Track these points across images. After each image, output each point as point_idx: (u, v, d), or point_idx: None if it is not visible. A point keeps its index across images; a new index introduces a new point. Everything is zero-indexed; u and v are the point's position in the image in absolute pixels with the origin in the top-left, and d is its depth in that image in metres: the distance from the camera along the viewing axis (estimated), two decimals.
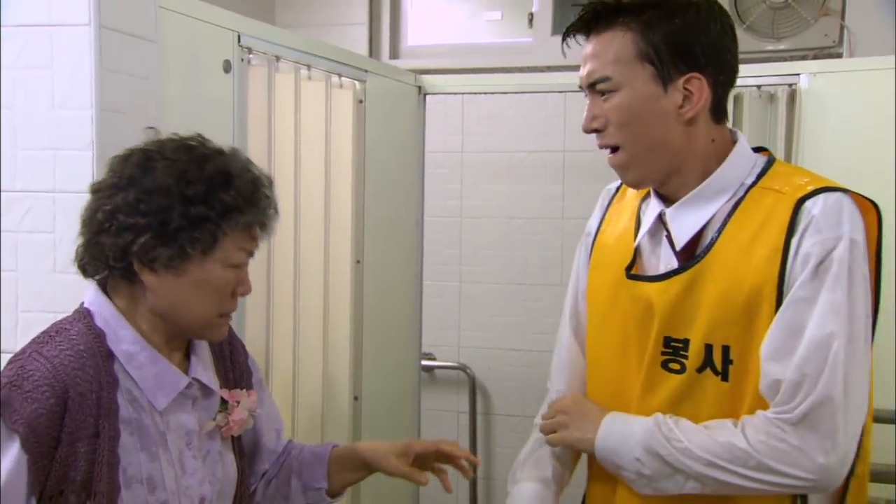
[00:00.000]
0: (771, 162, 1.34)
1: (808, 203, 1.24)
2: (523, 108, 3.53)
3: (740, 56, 1.38)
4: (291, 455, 1.53)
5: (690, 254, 1.31)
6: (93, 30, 1.56)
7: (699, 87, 1.28)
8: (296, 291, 2.21)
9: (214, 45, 1.89)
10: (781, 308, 1.22)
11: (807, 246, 1.22)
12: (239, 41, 1.95)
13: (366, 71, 2.48)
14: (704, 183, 1.31)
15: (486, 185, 3.63)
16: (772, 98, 2.52)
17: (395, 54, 3.65)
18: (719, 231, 1.29)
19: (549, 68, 3.29)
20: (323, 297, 2.33)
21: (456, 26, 3.66)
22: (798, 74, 2.48)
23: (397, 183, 2.75)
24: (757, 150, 1.38)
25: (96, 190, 1.27)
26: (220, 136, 1.90)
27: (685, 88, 1.28)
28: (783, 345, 1.21)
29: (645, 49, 1.27)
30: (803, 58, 2.90)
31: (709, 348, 1.27)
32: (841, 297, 1.20)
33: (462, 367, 3.63)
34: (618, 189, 1.53)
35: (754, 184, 1.30)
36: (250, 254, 1.30)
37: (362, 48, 3.53)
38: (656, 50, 1.26)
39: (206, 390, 1.35)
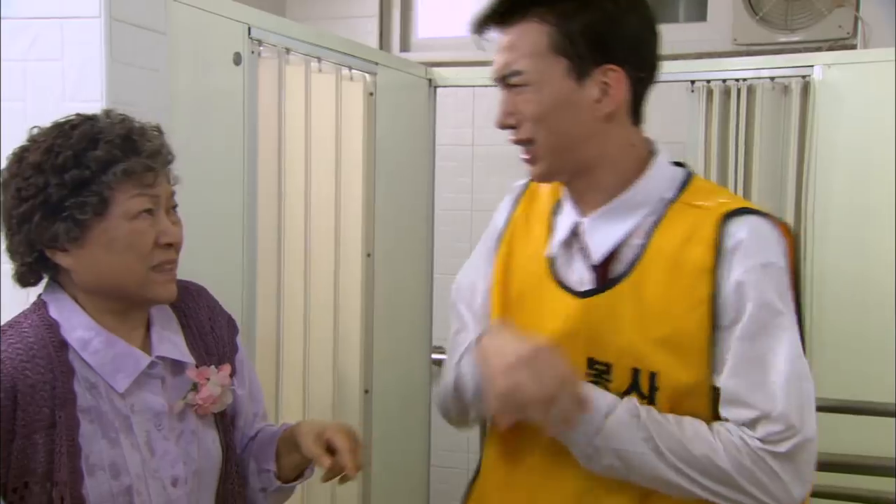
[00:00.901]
0: (689, 176, 1.28)
1: (734, 224, 1.18)
2: None
3: (753, 48, 1.35)
4: (256, 438, 1.47)
5: (605, 269, 1.24)
6: (103, 22, 1.56)
7: (617, 79, 1.21)
8: (306, 285, 2.20)
9: (225, 37, 1.89)
10: (736, 340, 1.16)
11: (738, 272, 1.16)
12: (249, 33, 1.94)
13: (376, 63, 2.47)
14: (625, 195, 1.24)
15: (496, 178, 3.61)
16: (785, 90, 2.50)
17: (405, 47, 3.64)
18: (643, 248, 1.21)
19: None
20: (333, 290, 2.32)
21: (466, 18, 3.64)
22: (812, 66, 2.46)
23: (408, 176, 2.74)
24: (674, 164, 1.31)
25: None
26: (231, 129, 1.91)
27: (602, 82, 1.20)
28: (754, 379, 1.16)
29: (560, 41, 1.20)
30: (817, 49, 2.87)
31: (636, 372, 1.20)
32: (791, 328, 1.18)
33: None
34: (526, 187, 1.42)
35: (674, 199, 1.23)
36: (154, 200, 1.23)
37: (373, 41, 3.52)
38: (572, 42, 1.19)
39: (176, 367, 1.31)
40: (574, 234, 1.27)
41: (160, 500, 1.25)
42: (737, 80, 2.53)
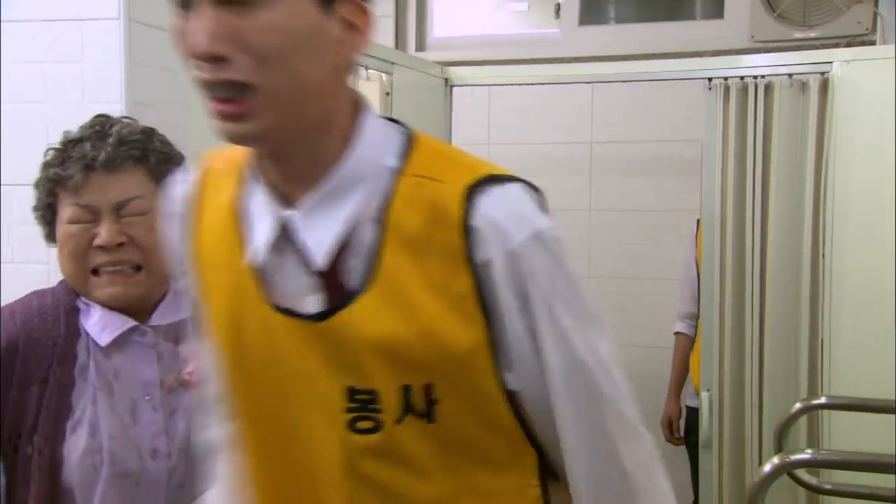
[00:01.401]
0: (410, 136, 0.95)
1: (482, 199, 0.90)
2: (550, 99, 3.51)
3: (771, 45, 1.33)
4: None
5: (334, 274, 0.91)
6: (122, 24, 1.57)
7: (363, 17, 0.90)
8: None
9: None
10: (542, 342, 0.91)
11: (502, 261, 0.90)
12: None
13: (392, 63, 2.48)
14: (341, 169, 0.90)
15: None
16: (803, 87, 2.48)
17: (421, 46, 3.65)
18: (378, 243, 0.90)
19: (577, 59, 3.27)
20: None
21: (482, 17, 3.64)
22: (830, 62, 2.45)
23: None
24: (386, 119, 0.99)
25: None
26: None
27: (346, 17, 0.88)
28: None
29: None
30: (835, 45, 2.85)
31: (406, 390, 0.91)
32: (583, 304, 0.94)
33: None
34: (192, 184, 1.03)
35: (401, 168, 0.91)
36: (86, 209, 1.26)
37: (389, 40, 3.52)
38: None
39: (177, 337, 1.32)
40: (282, 233, 0.92)
41: (135, 468, 1.26)
42: (754, 77, 2.51)
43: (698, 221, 3.05)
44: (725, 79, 2.54)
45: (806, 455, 1.76)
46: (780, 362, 2.51)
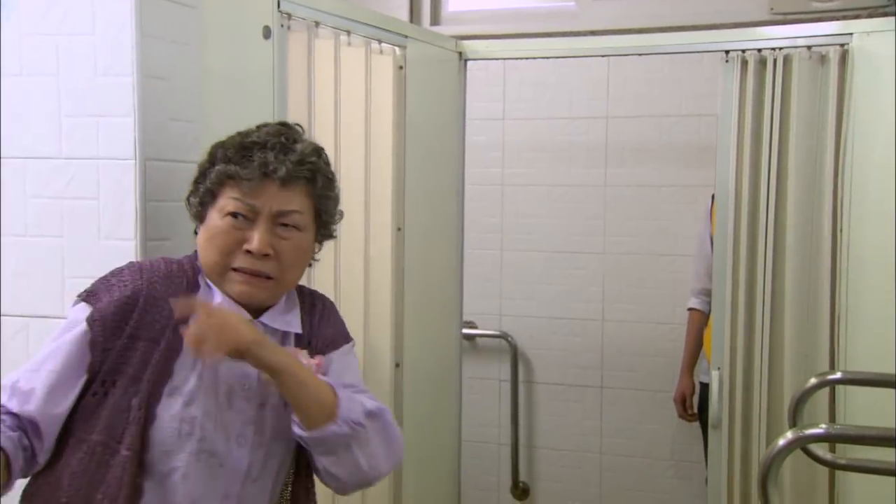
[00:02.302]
0: None
1: None
2: (566, 73, 3.49)
3: (789, 16, 1.32)
4: None
5: None
6: None
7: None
8: (336, 259, 2.21)
9: (254, 10, 1.89)
10: None
11: None
12: (279, 6, 1.94)
13: (406, 37, 2.46)
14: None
15: (527, 152, 3.60)
16: (822, 59, 2.45)
17: (435, 20, 3.62)
18: None
19: (593, 33, 3.23)
20: (364, 264, 2.33)
21: None
22: (850, 34, 2.41)
23: (438, 150, 2.73)
24: None
25: None
26: (261, 102, 1.91)
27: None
28: None
29: None
30: (856, 17, 2.81)
31: None
32: None
33: (504, 336, 3.62)
34: None
35: None
36: (247, 208, 1.36)
37: (403, 14, 3.50)
38: None
39: (285, 341, 1.43)
40: None
41: (221, 449, 1.34)
42: (772, 49, 2.48)
43: (713, 197, 3.03)
44: (743, 51, 2.50)
45: (820, 429, 1.74)
46: (794, 340, 2.49)
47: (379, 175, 2.38)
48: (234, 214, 1.36)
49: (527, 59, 3.08)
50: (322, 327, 1.51)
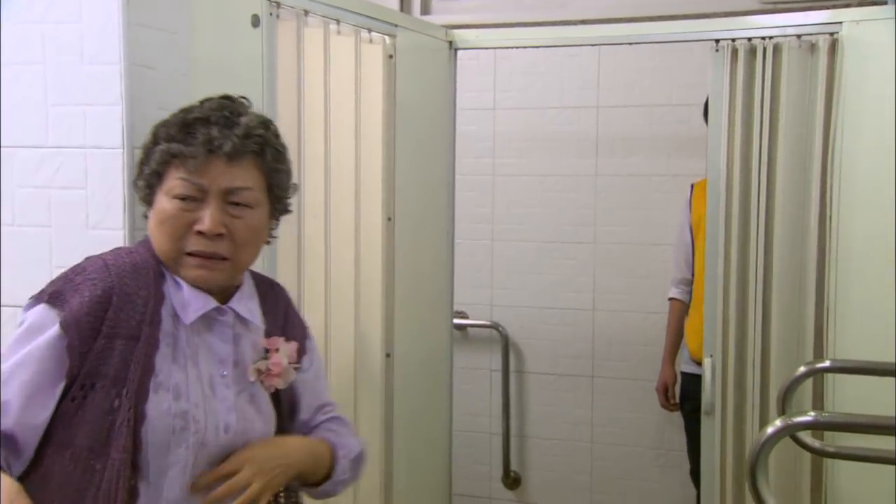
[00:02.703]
0: None
1: None
2: (556, 63, 3.48)
3: (780, 5, 1.31)
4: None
5: None
6: None
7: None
8: (327, 249, 2.21)
9: None
10: None
11: None
12: None
13: (396, 25, 2.45)
14: None
15: (518, 142, 3.59)
16: (812, 48, 2.45)
17: (425, 9, 3.61)
18: None
19: (583, 22, 3.23)
20: (354, 254, 2.32)
21: None
22: (840, 23, 2.41)
23: (428, 140, 2.73)
24: None
25: None
26: (250, 91, 1.88)
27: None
28: None
29: None
30: (846, 6, 2.81)
31: None
32: None
33: (495, 326, 3.63)
34: None
35: None
36: (195, 188, 1.31)
37: (393, 2, 3.49)
38: None
39: (248, 328, 1.41)
40: None
41: (212, 439, 1.33)
42: (762, 38, 2.47)
43: (692, 186, 3.04)
44: (733, 40, 2.50)
45: (809, 417, 1.76)
46: (785, 327, 2.50)
47: (369, 165, 2.37)
48: (181, 197, 1.31)
49: (517, 48, 3.08)
50: (291, 316, 1.52)
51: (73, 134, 1.60)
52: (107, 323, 1.26)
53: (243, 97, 1.43)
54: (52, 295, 1.28)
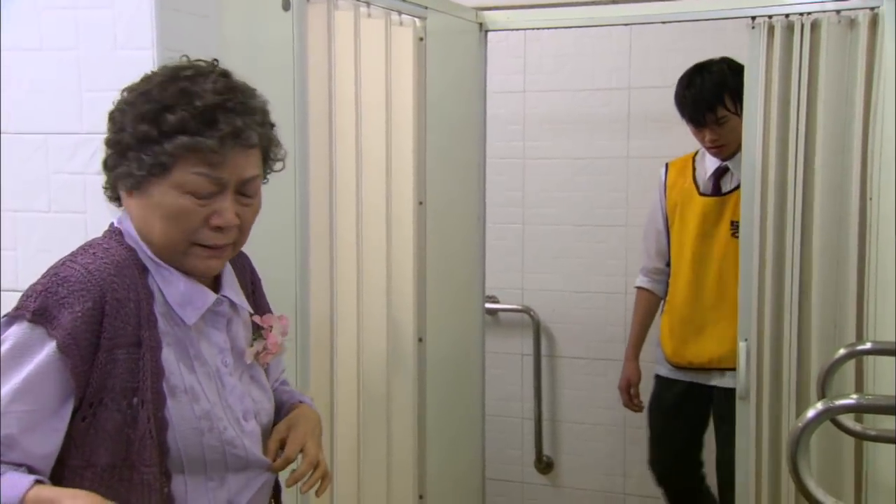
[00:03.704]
0: None
1: None
2: (587, 44, 3.44)
3: None
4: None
5: None
6: None
7: None
8: (359, 233, 2.20)
9: None
10: None
11: None
12: None
13: (426, 8, 2.43)
14: None
15: (549, 125, 3.56)
16: (852, 24, 2.39)
17: None
18: None
19: (614, 1, 3.18)
20: (386, 239, 2.32)
21: None
22: None
23: (459, 123, 2.71)
24: None
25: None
26: (280, 75, 1.90)
27: None
28: None
29: None
30: None
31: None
32: None
33: (526, 310, 3.61)
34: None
35: None
36: (216, 183, 1.22)
37: None
38: None
39: (237, 311, 1.36)
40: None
41: (236, 431, 1.29)
42: (800, 14, 2.42)
43: (667, 165, 2.93)
44: (769, 17, 2.45)
45: (851, 400, 1.73)
46: (824, 309, 2.46)
47: (400, 149, 2.36)
48: (198, 193, 1.21)
49: (547, 28, 3.04)
50: (257, 283, 1.47)
51: (106, 119, 1.60)
52: (104, 335, 1.17)
53: (214, 61, 1.31)
54: (37, 312, 1.16)
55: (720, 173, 2.78)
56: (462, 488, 2.87)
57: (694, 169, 2.85)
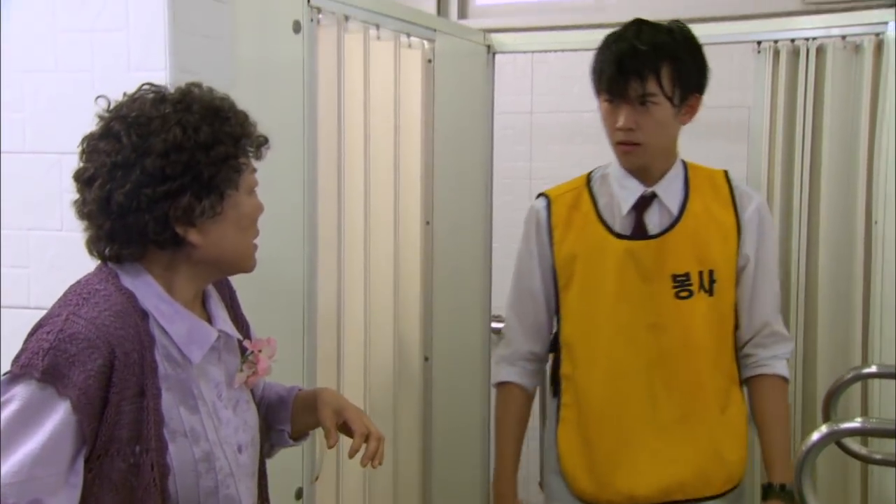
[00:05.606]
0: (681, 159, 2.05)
1: (732, 180, 2.05)
2: None
3: (823, 6, 1.30)
4: (263, 397, 1.53)
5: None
6: None
7: (697, 101, 1.97)
8: (366, 253, 2.22)
9: (285, 4, 1.90)
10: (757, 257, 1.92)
11: (753, 211, 1.95)
12: (308, 1, 1.94)
13: (434, 30, 2.46)
14: (669, 171, 1.96)
15: (555, 145, 3.58)
16: (857, 49, 2.41)
17: (463, 13, 3.61)
18: (686, 197, 1.97)
19: (621, 24, 3.20)
20: (393, 258, 2.33)
21: None
22: (886, 23, 2.36)
23: (466, 144, 2.73)
24: None
25: (91, 177, 1.25)
26: (291, 97, 1.92)
27: (686, 107, 1.96)
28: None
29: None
30: (892, 5, 2.76)
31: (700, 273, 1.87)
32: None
33: None
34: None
35: (687, 166, 2.07)
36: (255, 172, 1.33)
37: (431, 7, 3.50)
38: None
39: (228, 341, 1.35)
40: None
41: (232, 467, 1.29)
42: (806, 39, 2.44)
43: (548, 199, 2.06)
44: (775, 42, 2.47)
45: (856, 423, 1.74)
46: (830, 333, 2.46)
47: (407, 169, 2.39)
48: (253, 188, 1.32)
49: (555, 51, 3.06)
50: (235, 301, 1.46)
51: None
52: (112, 389, 1.16)
53: (196, 84, 1.31)
54: (46, 371, 1.13)
55: (643, 205, 1.88)
56: None
57: (593, 200, 1.94)
